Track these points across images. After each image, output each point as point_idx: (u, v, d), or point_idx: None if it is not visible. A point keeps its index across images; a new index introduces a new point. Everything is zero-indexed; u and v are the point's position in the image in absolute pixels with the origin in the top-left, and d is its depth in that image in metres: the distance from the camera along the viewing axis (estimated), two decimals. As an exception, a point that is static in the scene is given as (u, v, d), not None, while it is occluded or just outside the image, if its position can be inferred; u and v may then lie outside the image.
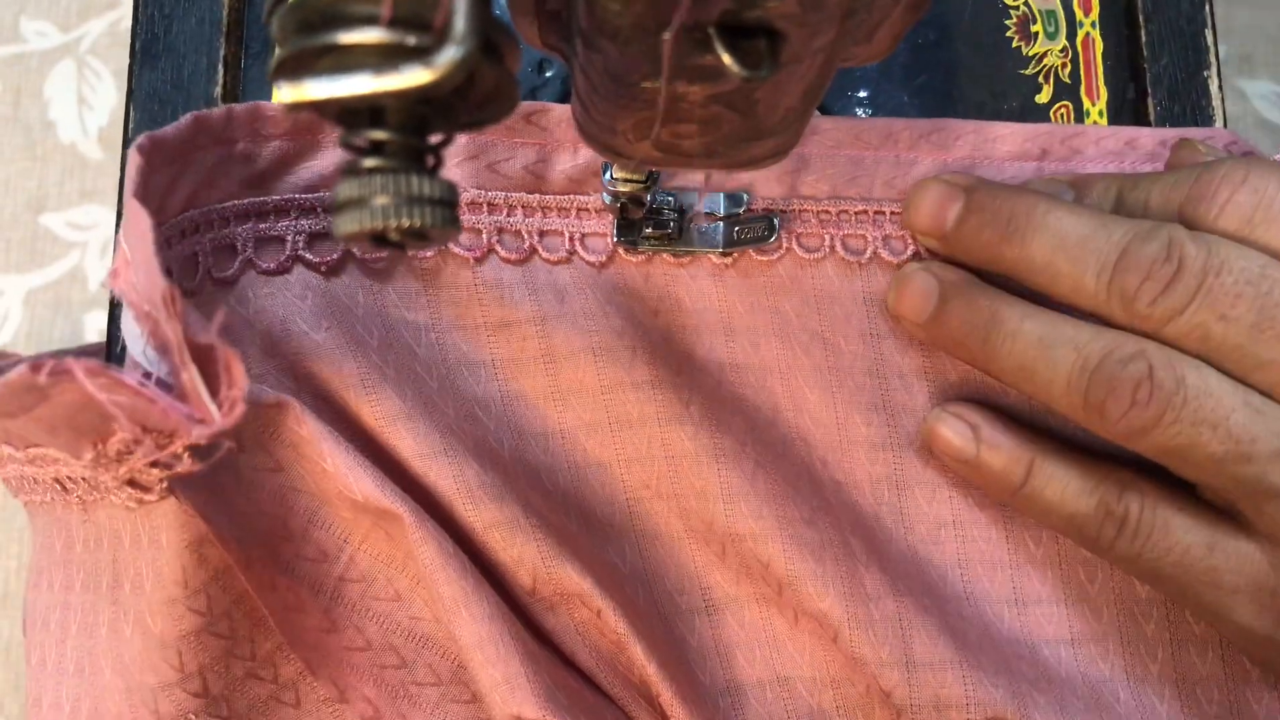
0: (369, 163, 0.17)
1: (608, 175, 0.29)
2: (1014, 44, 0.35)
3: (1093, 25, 0.36)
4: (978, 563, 0.31)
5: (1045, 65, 0.35)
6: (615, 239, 0.31)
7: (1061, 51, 0.35)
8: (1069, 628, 0.30)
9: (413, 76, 0.15)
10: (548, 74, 0.35)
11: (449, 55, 0.15)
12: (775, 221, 0.31)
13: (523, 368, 0.30)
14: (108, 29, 0.73)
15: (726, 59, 0.17)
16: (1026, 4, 0.36)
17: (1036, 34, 0.35)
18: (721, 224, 0.31)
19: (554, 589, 0.28)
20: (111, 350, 0.32)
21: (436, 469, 0.28)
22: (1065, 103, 0.35)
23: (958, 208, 0.29)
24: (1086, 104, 0.35)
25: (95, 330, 0.73)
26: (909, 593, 0.29)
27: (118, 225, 0.33)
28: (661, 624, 0.30)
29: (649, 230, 0.31)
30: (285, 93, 0.15)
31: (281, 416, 0.27)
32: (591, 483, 0.31)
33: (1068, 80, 0.35)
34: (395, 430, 0.28)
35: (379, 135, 0.17)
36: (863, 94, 0.35)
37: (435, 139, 0.18)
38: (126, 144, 0.34)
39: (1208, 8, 0.35)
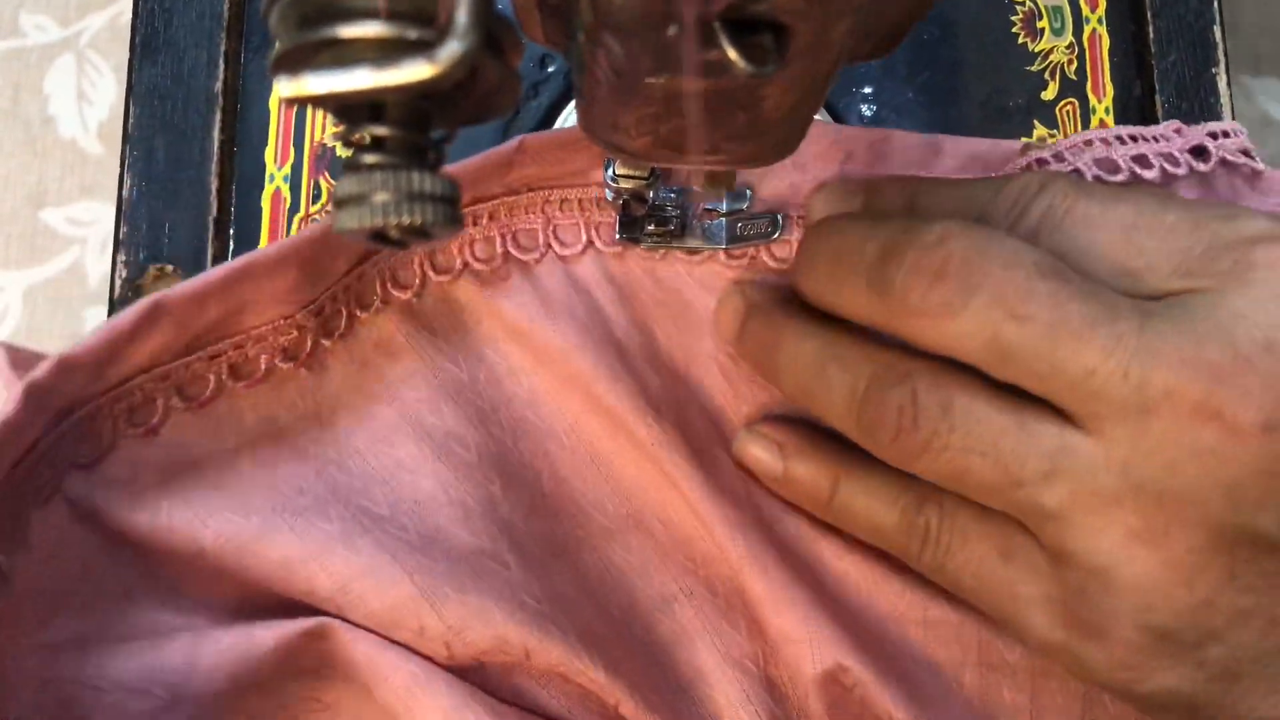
0: (369, 159, 0.16)
1: (610, 172, 0.29)
2: (1019, 40, 0.35)
3: (1099, 21, 0.35)
4: (837, 538, 0.31)
5: (1051, 62, 0.35)
6: (617, 236, 0.31)
7: (1068, 48, 0.35)
8: (923, 610, 0.30)
9: (414, 72, 0.15)
10: (550, 69, 0.35)
11: (451, 50, 0.15)
12: (779, 218, 0.31)
13: (474, 392, 0.30)
14: (108, 23, 0.73)
15: (732, 54, 0.17)
16: (1033, 0, 0.35)
17: (1042, 30, 0.35)
18: (725, 220, 0.31)
19: (502, 658, 0.27)
20: (110, 347, 0.32)
21: (349, 603, 0.26)
22: (1071, 99, 0.35)
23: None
24: (1093, 101, 0.35)
25: (95, 326, 0.73)
26: (776, 567, 0.29)
27: (118, 221, 0.33)
28: (624, 637, 0.29)
29: (651, 227, 0.31)
30: (284, 87, 0.15)
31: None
32: (555, 494, 0.30)
33: (1074, 77, 0.35)
34: (293, 578, 0.26)
35: (379, 131, 0.16)
36: (867, 90, 0.35)
37: (437, 135, 0.18)
38: (126, 140, 0.34)
39: (1216, 4, 0.35)
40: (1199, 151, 0.31)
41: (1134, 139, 0.31)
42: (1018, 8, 0.35)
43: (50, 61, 0.74)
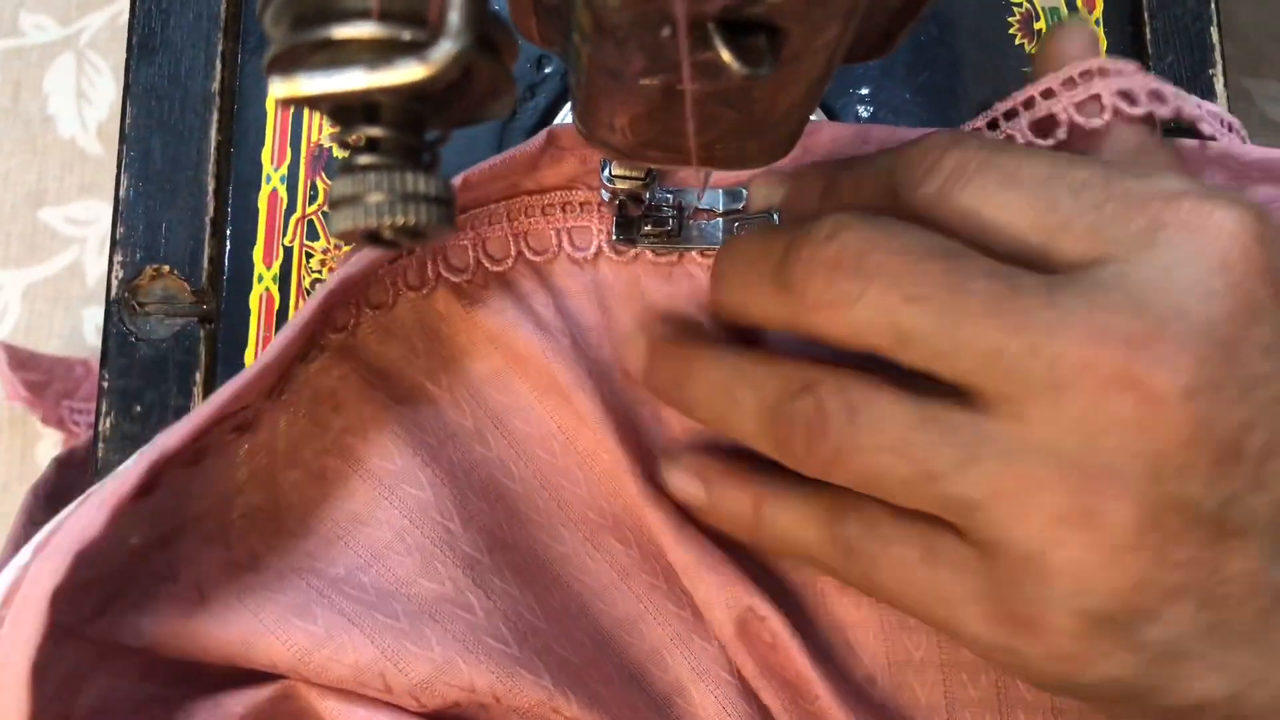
0: (363, 160, 0.17)
1: (606, 172, 0.29)
2: (1017, 41, 0.35)
3: (1096, 22, 0.35)
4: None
5: (1048, 63, 0.35)
6: (614, 237, 0.31)
7: (1065, 49, 0.35)
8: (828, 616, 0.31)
9: (407, 72, 0.15)
10: (546, 70, 0.35)
11: (444, 51, 0.15)
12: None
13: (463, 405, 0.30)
14: (107, 23, 0.73)
15: (726, 56, 0.17)
16: (1030, 0, 0.35)
17: (1040, 31, 0.35)
18: (720, 221, 0.31)
19: (474, 701, 0.27)
20: (107, 348, 0.32)
21: (312, 671, 0.26)
22: (1068, 101, 0.35)
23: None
24: (1090, 102, 0.35)
25: (93, 326, 0.73)
26: (711, 573, 0.29)
27: (114, 221, 0.33)
28: (598, 663, 0.29)
29: (647, 228, 0.31)
30: (278, 88, 0.15)
31: None
32: (542, 510, 0.31)
33: (1071, 78, 0.35)
34: (253, 654, 0.26)
35: (373, 132, 0.16)
36: (864, 91, 0.35)
37: (431, 136, 0.18)
38: (123, 140, 0.34)
39: (1213, 5, 0.35)
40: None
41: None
42: (1015, 9, 0.35)
43: (50, 60, 0.74)
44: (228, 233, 0.33)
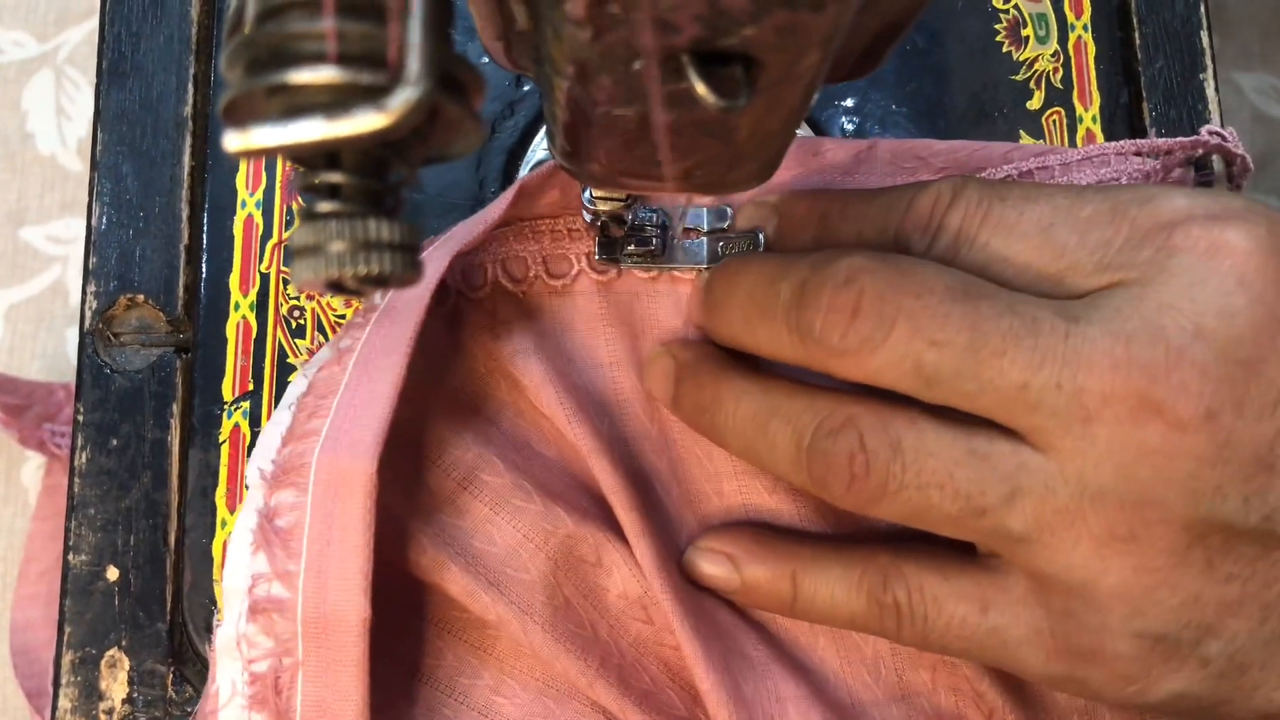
0: (325, 206, 0.16)
1: (587, 194, 0.28)
2: (1004, 49, 0.35)
3: (1084, 28, 0.35)
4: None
5: (1036, 70, 0.34)
6: (597, 257, 0.31)
7: (1053, 56, 0.34)
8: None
9: (366, 121, 0.14)
10: (525, 88, 0.34)
11: (404, 98, 0.14)
12: (760, 236, 0.31)
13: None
14: (85, 38, 0.72)
15: (701, 89, 0.16)
16: (1017, 7, 0.35)
17: (1027, 38, 0.35)
18: (705, 240, 0.31)
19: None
20: (81, 381, 0.32)
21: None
22: (1057, 109, 0.34)
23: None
24: (1079, 109, 0.34)
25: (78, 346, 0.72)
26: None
27: (87, 251, 0.33)
28: None
29: (631, 248, 0.30)
30: (231, 140, 0.14)
31: None
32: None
33: (1059, 85, 0.34)
34: None
35: (334, 178, 0.16)
36: (849, 103, 0.35)
37: (395, 177, 0.17)
38: (94, 167, 0.33)
39: (1203, 8, 0.34)
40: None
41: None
42: (1002, 15, 0.35)
43: (28, 77, 0.73)
44: (203, 260, 0.33)
